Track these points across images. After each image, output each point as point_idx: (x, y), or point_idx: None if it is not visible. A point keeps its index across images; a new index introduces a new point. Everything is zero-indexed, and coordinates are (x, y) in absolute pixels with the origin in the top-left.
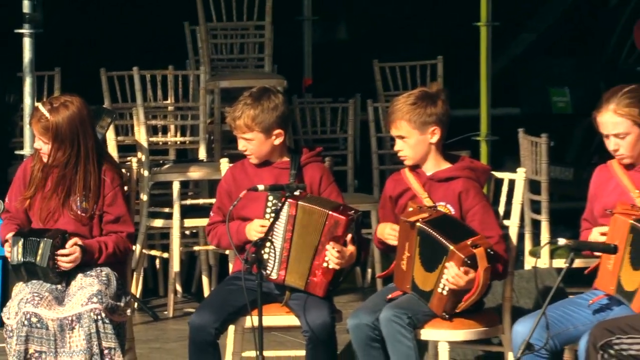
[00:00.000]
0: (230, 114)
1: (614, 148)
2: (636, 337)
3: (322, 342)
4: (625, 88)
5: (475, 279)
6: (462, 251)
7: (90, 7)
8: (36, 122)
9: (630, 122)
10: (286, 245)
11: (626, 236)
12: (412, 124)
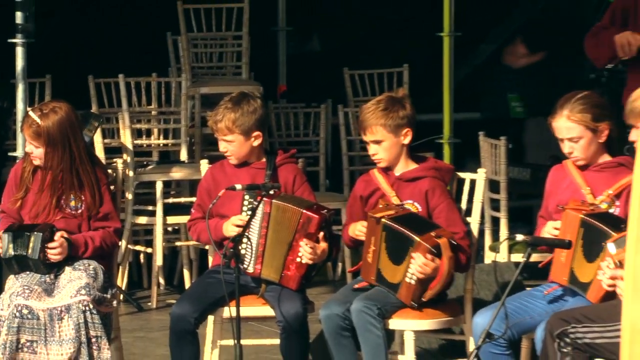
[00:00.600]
0: (212, 117)
1: (569, 151)
2: (590, 326)
3: (296, 331)
4: (578, 94)
5: (440, 267)
6: (427, 241)
7: (80, 20)
8: (27, 127)
9: (582, 127)
10: (262, 241)
11: (577, 230)
12: (387, 128)
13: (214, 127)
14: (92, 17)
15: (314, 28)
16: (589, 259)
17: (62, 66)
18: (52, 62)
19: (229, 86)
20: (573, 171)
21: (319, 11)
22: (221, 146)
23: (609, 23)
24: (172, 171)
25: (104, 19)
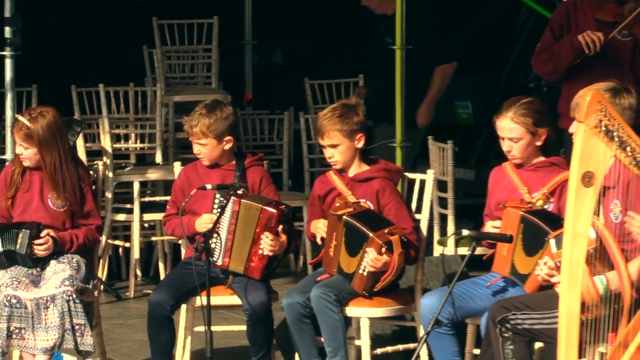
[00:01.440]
0: (188, 122)
1: (507, 149)
2: (529, 314)
3: (261, 318)
4: (522, 99)
5: (391, 262)
6: (380, 238)
7: (64, 34)
8: (18, 131)
9: (523, 129)
10: (230, 236)
11: (517, 226)
12: (343, 133)
13: (189, 131)
14: (75, 32)
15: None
16: (528, 253)
17: (48, 76)
18: (39, 72)
19: (200, 95)
20: (511, 172)
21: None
22: (195, 149)
23: (552, 38)
24: (148, 172)
25: (87, 35)
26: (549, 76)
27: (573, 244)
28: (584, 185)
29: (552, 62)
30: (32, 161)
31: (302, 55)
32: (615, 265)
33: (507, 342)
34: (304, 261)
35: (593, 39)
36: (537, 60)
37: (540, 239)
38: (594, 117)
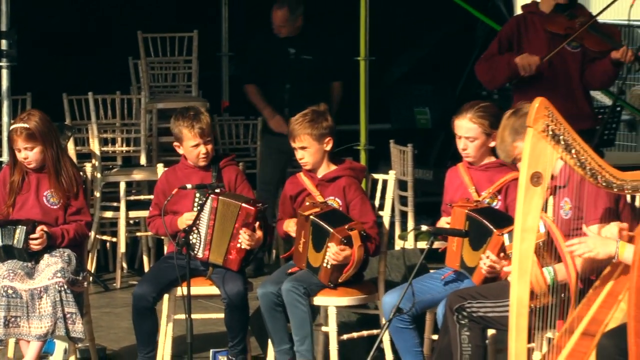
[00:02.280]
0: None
1: (463, 147)
2: (483, 302)
3: (237, 307)
4: (481, 103)
5: (352, 255)
6: (340, 233)
7: (57, 46)
8: (19, 136)
9: (480, 130)
10: (209, 231)
11: (464, 223)
12: (312, 136)
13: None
14: (67, 45)
15: None
16: (474, 248)
17: (41, 85)
18: (33, 81)
19: (181, 102)
20: (463, 172)
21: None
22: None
23: (497, 50)
24: (134, 173)
25: (77, 47)
26: (487, 84)
27: (522, 238)
28: (533, 184)
29: (490, 73)
30: (37, 162)
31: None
32: (562, 257)
33: (463, 328)
34: (276, 255)
35: (529, 62)
36: (479, 67)
37: (485, 235)
38: (541, 122)
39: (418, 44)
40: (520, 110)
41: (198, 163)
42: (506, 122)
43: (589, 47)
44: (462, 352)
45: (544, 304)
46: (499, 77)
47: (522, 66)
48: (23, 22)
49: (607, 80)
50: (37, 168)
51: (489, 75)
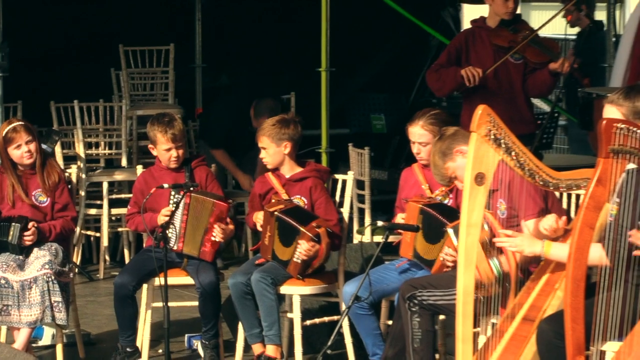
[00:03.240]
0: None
1: (417, 152)
2: (433, 291)
3: (210, 295)
4: (432, 111)
5: (320, 251)
6: (310, 231)
7: (46, 58)
8: (19, 132)
9: (431, 135)
10: (183, 225)
11: (417, 217)
12: (271, 138)
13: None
14: (55, 58)
15: (223, 65)
16: (427, 240)
17: (31, 93)
18: (23, 90)
19: (158, 109)
20: (418, 172)
21: (228, 52)
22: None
23: (446, 61)
24: (115, 174)
25: (65, 60)
26: (436, 92)
27: (468, 233)
28: (477, 184)
29: (439, 82)
30: (34, 156)
31: (243, 77)
32: (504, 250)
33: (414, 315)
34: (245, 248)
35: (474, 74)
36: (430, 77)
37: (437, 228)
38: (484, 127)
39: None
40: (444, 135)
41: (169, 165)
42: (434, 149)
43: (530, 59)
44: (414, 337)
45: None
46: (447, 86)
47: (467, 77)
48: (14, 36)
49: (546, 89)
50: (33, 164)
51: (438, 84)
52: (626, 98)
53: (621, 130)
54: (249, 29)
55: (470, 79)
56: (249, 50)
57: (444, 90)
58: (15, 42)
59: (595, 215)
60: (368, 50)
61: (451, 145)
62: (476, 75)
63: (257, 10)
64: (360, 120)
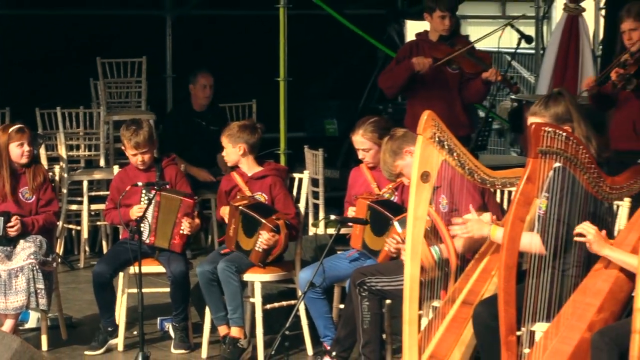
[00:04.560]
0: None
1: (362, 157)
2: (381, 278)
3: (180, 283)
4: (370, 119)
5: (279, 240)
6: (270, 223)
7: (31, 69)
8: (25, 132)
9: (371, 142)
10: (154, 220)
11: (366, 212)
12: (229, 139)
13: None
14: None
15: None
16: (375, 233)
17: (18, 101)
18: (11, 98)
19: (133, 115)
20: (366, 171)
21: (197, 63)
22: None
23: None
24: (94, 173)
25: (48, 68)
26: (388, 90)
27: (414, 225)
28: (422, 181)
29: (391, 80)
30: (31, 156)
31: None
32: (444, 240)
33: (364, 299)
34: (212, 240)
35: (424, 62)
36: (381, 79)
37: (383, 222)
38: (429, 130)
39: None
40: (394, 135)
41: (137, 167)
42: (385, 147)
43: (465, 69)
44: (363, 319)
45: (432, 277)
46: (399, 80)
47: (417, 63)
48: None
49: (480, 96)
50: (26, 164)
51: (389, 82)
52: (546, 108)
53: (548, 133)
54: (216, 43)
55: (420, 65)
56: (216, 61)
57: (396, 85)
58: (3, 53)
59: (526, 209)
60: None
61: (401, 145)
62: (426, 63)
63: (223, 26)
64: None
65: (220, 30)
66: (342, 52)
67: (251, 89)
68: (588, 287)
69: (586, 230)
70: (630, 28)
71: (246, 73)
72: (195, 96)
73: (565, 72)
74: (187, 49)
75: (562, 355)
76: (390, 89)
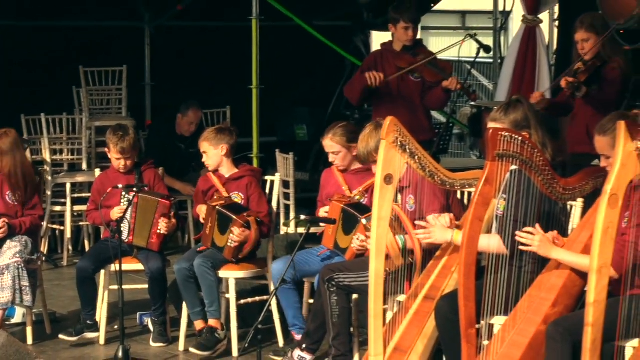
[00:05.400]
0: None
1: (332, 160)
2: (348, 274)
3: (158, 279)
4: (339, 124)
5: (250, 236)
6: (241, 219)
7: (16, 77)
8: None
9: (340, 146)
10: (132, 221)
11: (339, 214)
12: (210, 142)
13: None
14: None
15: (169, 84)
16: (346, 233)
17: (4, 108)
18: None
19: (113, 121)
20: (337, 174)
21: (175, 72)
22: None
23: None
24: (77, 176)
25: (33, 77)
26: (351, 99)
27: (378, 225)
28: (386, 183)
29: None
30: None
31: (186, 93)
32: (409, 234)
33: (332, 295)
34: (188, 239)
35: (375, 77)
36: (346, 89)
37: (353, 222)
38: (392, 135)
39: (300, 76)
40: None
41: (119, 170)
42: (371, 133)
43: (427, 78)
44: (332, 313)
45: (397, 266)
46: (356, 92)
47: (368, 77)
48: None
49: (440, 103)
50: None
51: (351, 93)
52: (506, 115)
53: (505, 137)
54: (192, 53)
55: (372, 81)
56: (192, 70)
57: (354, 97)
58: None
59: (484, 209)
60: (294, 71)
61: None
62: (377, 78)
63: (199, 37)
64: (285, 130)
65: (197, 41)
66: (311, 61)
67: (226, 96)
68: (543, 283)
69: (529, 239)
70: (583, 38)
71: (221, 81)
72: (179, 125)
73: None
74: (165, 59)
75: (519, 346)
76: (351, 98)
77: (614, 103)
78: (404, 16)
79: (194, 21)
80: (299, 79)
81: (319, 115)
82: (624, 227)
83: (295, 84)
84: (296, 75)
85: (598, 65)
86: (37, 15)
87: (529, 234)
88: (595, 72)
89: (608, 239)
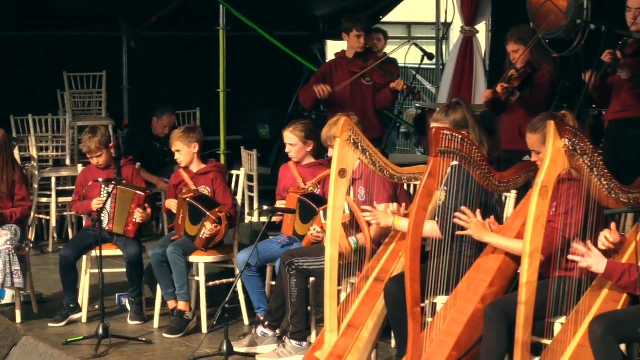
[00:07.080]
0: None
1: (288, 151)
2: (307, 259)
3: (135, 264)
4: (300, 121)
5: (221, 230)
6: (213, 215)
7: (5, 82)
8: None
9: (297, 139)
10: (112, 211)
11: (296, 204)
12: (182, 141)
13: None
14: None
15: (146, 87)
16: (303, 221)
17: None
18: None
19: (95, 121)
20: (293, 168)
21: (150, 77)
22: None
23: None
24: (61, 171)
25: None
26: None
27: (333, 214)
28: (340, 177)
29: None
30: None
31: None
32: (361, 227)
33: (292, 277)
34: (162, 227)
35: (323, 89)
36: (300, 94)
37: (309, 211)
38: (346, 134)
39: (263, 80)
40: (350, 115)
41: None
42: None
43: (376, 80)
44: (291, 294)
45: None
46: (308, 100)
47: (317, 91)
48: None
49: (389, 103)
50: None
51: (304, 100)
52: (447, 115)
53: (446, 136)
54: (165, 59)
55: (320, 93)
56: (165, 75)
57: (307, 103)
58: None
59: (428, 200)
60: (258, 76)
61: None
62: (325, 90)
63: (172, 45)
64: (249, 129)
65: (169, 49)
66: (273, 67)
67: (195, 98)
68: (481, 266)
69: (466, 221)
70: (513, 50)
71: (191, 85)
72: (155, 127)
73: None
74: (141, 65)
75: (459, 323)
76: (304, 104)
77: (544, 105)
78: (357, 25)
79: (167, 31)
80: (262, 83)
81: (279, 115)
82: (552, 215)
83: (258, 87)
84: (259, 79)
85: (529, 72)
86: (24, 26)
87: (466, 217)
88: (527, 78)
89: (539, 226)
